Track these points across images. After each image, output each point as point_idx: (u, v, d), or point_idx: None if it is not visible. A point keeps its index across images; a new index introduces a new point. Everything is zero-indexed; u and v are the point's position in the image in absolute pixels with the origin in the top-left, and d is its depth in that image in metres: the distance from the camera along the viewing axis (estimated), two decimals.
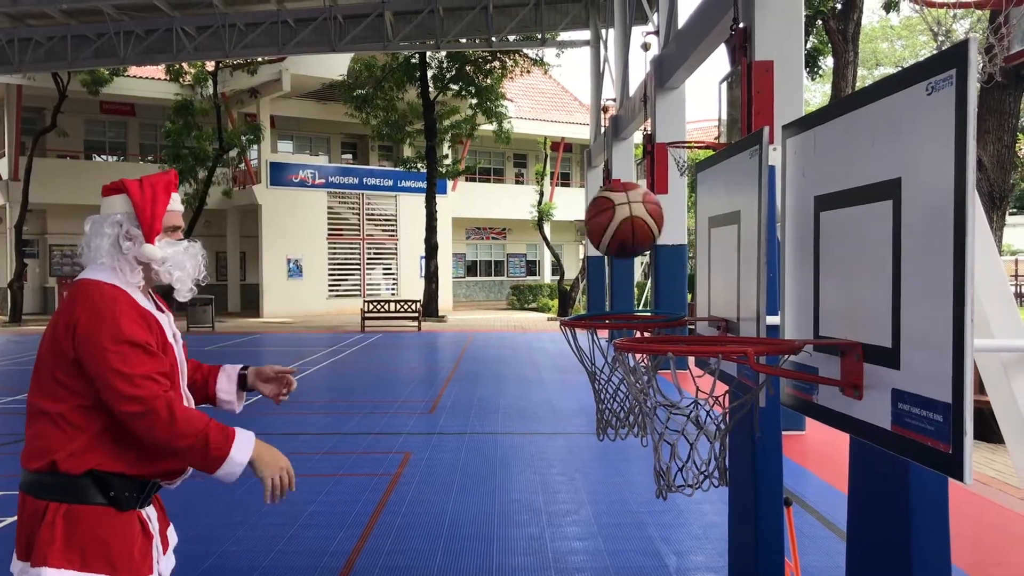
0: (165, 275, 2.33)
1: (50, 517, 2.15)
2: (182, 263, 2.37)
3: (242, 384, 2.63)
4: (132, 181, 2.35)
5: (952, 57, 1.76)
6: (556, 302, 29.42)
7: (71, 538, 2.14)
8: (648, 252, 17.31)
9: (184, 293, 2.39)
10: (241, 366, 2.65)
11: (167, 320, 2.42)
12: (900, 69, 1.99)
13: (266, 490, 2.27)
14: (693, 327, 3.57)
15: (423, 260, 27.97)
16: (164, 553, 2.42)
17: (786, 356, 2.32)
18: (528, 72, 29.13)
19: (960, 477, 1.73)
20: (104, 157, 31.17)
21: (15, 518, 2.29)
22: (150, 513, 2.31)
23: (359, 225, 30.80)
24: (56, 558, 2.12)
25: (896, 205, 1.96)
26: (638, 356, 2.36)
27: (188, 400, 2.45)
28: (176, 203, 2.42)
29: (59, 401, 2.20)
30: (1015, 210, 34.38)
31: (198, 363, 2.64)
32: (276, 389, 2.64)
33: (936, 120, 1.81)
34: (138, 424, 2.16)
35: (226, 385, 2.60)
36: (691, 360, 2.79)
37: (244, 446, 2.25)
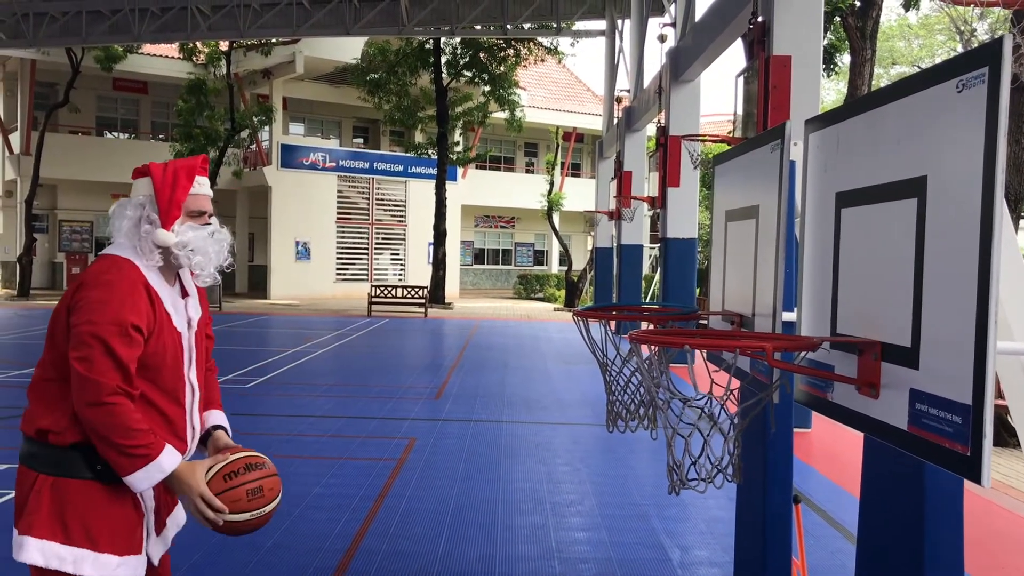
0: (184, 259, 2.32)
1: (38, 486, 2.18)
2: (204, 248, 2.34)
3: (204, 440, 2.50)
4: (157, 165, 2.35)
5: (985, 54, 1.73)
6: (563, 292, 29.39)
7: (55, 509, 2.16)
8: (658, 245, 17.29)
9: (204, 279, 2.39)
10: (217, 425, 2.51)
11: (184, 304, 2.40)
12: (921, 68, 1.96)
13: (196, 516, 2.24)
14: (706, 321, 3.55)
15: (431, 246, 27.95)
16: (158, 535, 2.38)
17: (803, 353, 2.30)
18: (542, 61, 29.04)
19: (978, 479, 1.72)
20: (116, 134, 31.20)
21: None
22: (145, 492, 2.28)
23: (368, 210, 30.79)
24: (40, 528, 2.14)
25: (921, 203, 1.94)
26: (653, 348, 2.34)
27: (194, 389, 2.39)
28: (203, 187, 2.39)
29: (56, 369, 2.23)
30: None
31: (211, 375, 2.58)
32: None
33: (966, 118, 1.78)
34: (77, 378, 2.12)
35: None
36: (700, 354, 2.77)
37: (172, 456, 2.20)
